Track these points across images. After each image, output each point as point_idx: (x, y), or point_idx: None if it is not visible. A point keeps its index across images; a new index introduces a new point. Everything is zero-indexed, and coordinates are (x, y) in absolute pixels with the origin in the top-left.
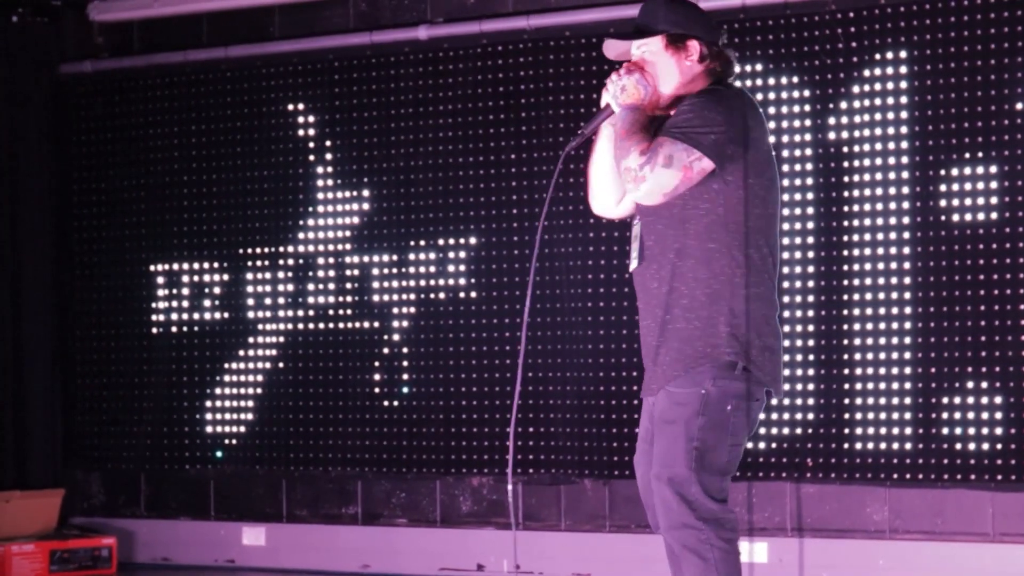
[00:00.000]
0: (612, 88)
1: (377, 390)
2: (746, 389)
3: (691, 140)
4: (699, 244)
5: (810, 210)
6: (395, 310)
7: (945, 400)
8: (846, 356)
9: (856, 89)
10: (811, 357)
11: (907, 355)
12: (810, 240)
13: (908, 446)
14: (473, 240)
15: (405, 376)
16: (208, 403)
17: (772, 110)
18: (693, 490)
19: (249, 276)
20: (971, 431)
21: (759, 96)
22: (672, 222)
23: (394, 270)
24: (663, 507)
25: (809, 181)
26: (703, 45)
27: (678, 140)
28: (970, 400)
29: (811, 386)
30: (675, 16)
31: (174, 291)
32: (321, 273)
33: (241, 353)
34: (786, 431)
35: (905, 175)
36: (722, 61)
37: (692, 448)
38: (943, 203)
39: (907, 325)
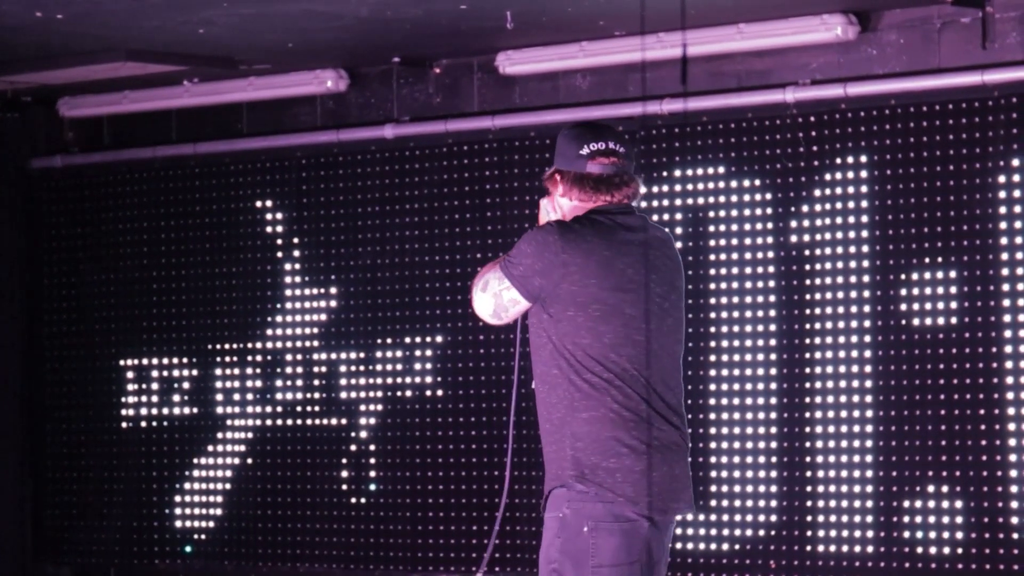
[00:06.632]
0: None
1: (345, 486)
2: (606, 511)
3: (505, 269)
4: (546, 370)
5: (772, 312)
6: (362, 407)
7: (906, 504)
8: (808, 459)
9: (817, 193)
10: (773, 459)
11: (868, 458)
12: (772, 342)
13: (870, 549)
14: (440, 338)
15: (372, 473)
16: (177, 498)
17: (734, 212)
18: None
19: (218, 372)
20: (932, 535)
21: (721, 199)
22: (534, 348)
23: (361, 367)
24: None
25: (771, 284)
26: (562, 179)
27: (499, 268)
28: (931, 504)
29: (773, 488)
30: (555, 150)
31: (143, 386)
32: (289, 369)
33: (210, 448)
34: (749, 532)
35: (866, 279)
36: (582, 190)
37: (551, 570)
38: (903, 307)
39: (868, 428)
